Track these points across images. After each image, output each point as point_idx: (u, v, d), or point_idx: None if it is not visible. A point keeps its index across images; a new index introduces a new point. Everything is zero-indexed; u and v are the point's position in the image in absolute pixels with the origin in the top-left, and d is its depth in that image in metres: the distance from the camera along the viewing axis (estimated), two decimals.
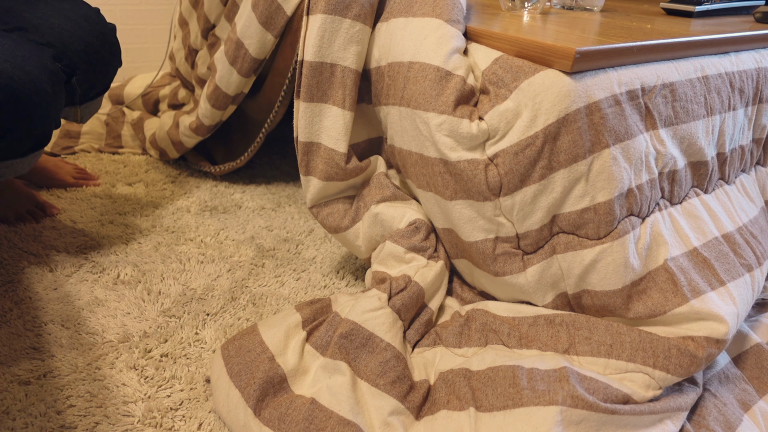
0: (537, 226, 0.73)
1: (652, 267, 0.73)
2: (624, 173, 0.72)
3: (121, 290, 0.92)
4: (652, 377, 0.68)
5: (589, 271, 0.73)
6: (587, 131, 0.69)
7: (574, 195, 0.72)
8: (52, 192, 1.22)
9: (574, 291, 0.75)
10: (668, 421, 0.67)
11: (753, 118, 0.91)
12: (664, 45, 0.76)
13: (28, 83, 0.79)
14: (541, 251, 0.75)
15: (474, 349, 0.77)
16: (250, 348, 0.74)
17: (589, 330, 0.73)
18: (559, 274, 0.75)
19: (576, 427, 0.63)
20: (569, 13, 1.02)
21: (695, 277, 0.73)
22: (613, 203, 0.71)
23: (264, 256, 1.05)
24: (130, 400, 0.71)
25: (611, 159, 0.70)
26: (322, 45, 0.83)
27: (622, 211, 0.73)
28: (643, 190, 0.74)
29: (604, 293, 0.73)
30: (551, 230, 0.74)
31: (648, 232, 0.74)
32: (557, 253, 0.74)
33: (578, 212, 0.72)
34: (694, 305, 0.70)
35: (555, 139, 0.69)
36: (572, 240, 0.73)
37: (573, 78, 0.67)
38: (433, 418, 0.68)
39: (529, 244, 0.75)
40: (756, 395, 0.75)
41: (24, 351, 0.78)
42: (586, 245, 0.72)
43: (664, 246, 0.73)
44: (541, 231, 0.74)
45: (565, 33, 0.77)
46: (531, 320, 0.76)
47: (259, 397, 0.68)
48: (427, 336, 0.80)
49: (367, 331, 0.74)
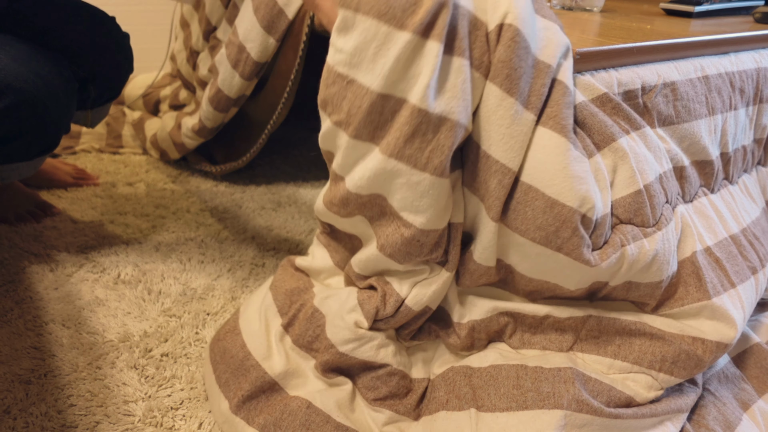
0: (606, 210, 0.65)
1: (680, 258, 0.70)
2: (651, 157, 0.69)
3: (121, 290, 0.92)
4: (655, 379, 0.68)
5: (652, 263, 0.66)
6: (606, 117, 0.67)
7: (622, 176, 0.66)
8: (52, 192, 1.22)
9: (619, 282, 0.68)
10: (668, 422, 0.67)
11: (754, 118, 0.91)
12: (664, 45, 0.76)
13: (42, 87, 0.80)
14: (608, 246, 0.65)
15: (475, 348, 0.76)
16: (233, 353, 0.72)
17: (598, 331, 0.71)
18: (617, 269, 0.66)
19: (578, 430, 0.63)
20: (569, 13, 1.02)
21: (712, 275, 0.72)
22: (655, 186, 0.67)
23: (264, 255, 1.05)
24: (131, 399, 0.71)
25: (636, 143, 0.68)
26: None
27: (661, 197, 0.69)
28: (669, 178, 0.72)
29: (646, 285, 0.68)
30: (611, 221, 0.67)
31: (679, 222, 0.71)
32: (625, 245, 0.65)
33: (632, 195, 0.66)
34: (715, 302, 0.68)
35: (583, 125, 0.65)
36: (633, 229, 0.66)
37: (574, 77, 0.67)
38: (431, 419, 0.67)
39: (599, 235, 0.65)
40: (755, 395, 0.75)
41: (25, 350, 0.78)
42: (648, 233, 0.66)
43: (691, 237, 0.71)
44: (606, 217, 0.65)
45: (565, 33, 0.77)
46: (534, 320, 0.75)
47: (250, 407, 0.67)
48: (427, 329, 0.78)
49: (356, 359, 0.70)
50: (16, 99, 0.77)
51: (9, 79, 0.77)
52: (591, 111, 0.66)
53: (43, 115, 0.82)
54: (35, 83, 0.79)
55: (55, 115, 0.84)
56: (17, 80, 0.78)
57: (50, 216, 1.12)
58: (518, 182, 0.63)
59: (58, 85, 0.83)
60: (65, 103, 0.86)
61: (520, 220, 0.64)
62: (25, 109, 0.79)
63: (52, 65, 0.84)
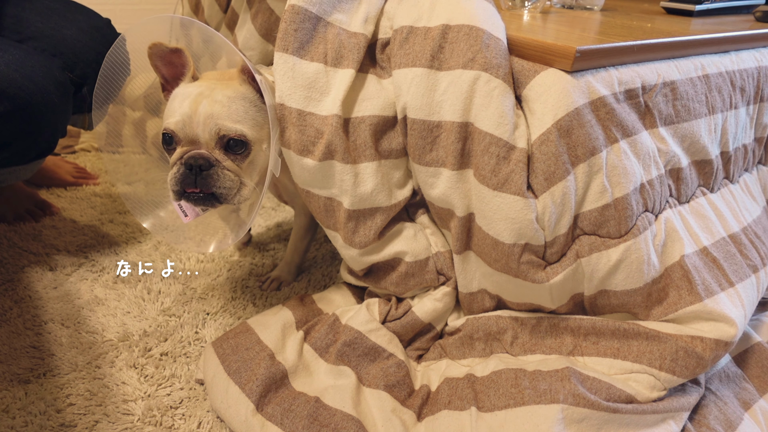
0: (565, 230, 0.70)
1: (668, 263, 0.71)
2: (635, 167, 0.70)
3: (121, 289, 0.92)
4: (657, 378, 0.68)
5: (614, 272, 0.70)
6: (597, 125, 0.68)
7: (593, 191, 0.69)
8: (52, 191, 1.22)
9: (593, 292, 0.73)
10: (671, 420, 0.66)
11: (754, 116, 0.91)
12: (665, 44, 0.76)
13: (36, 93, 0.80)
14: (565, 259, 0.71)
15: (478, 359, 0.76)
16: (248, 346, 0.75)
17: (596, 336, 0.72)
18: (581, 278, 0.72)
19: (578, 425, 0.63)
20: (569, 12, 1.02)
21: (707, 276, 0.72)
22: (629, 198, 0.69)
23: (264, 255, 1.05)
24: (130, 398, 0.71)
25: (622, 153, 0.69)
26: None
27: (638, 207, 0.71)
28: (654, 186, 0.73)
29: (624, 292, 0.71)
30: (573, 233, 0.71)
31: (662, 228, 0.72)
32: (581, 257, 0.70)
33: (599, 209, 0.69)
34: (707, 305, 0.69)
35: (569, 133, 0.67)
36: (595, 241, 0.70)
37: (574, 76, 0.67)
38: (434, 418, 0.68)
39: (555, 253, 0.71)
40: (756, 394, 0.75)
41: (24, 350, 0.78)
42: (610, 245, 0.69)
43: (679, 242, 0.72)
44: (567, 235, 0.70)
45: (566, 32, 0.77)
46: (534, 321, 0.76)
47: (262, 393, 0.68)
48: (432, 349, 0.80)
49: (370, 341, 0.75)
50: (11, 106, 0.77)
51: (2, 86, 0.76)
52: (580, 121, 0.67)
53: (39, 121, 0.81)
54: (29, 89, 0.79)
55: (50, 120, 0.83)
56: (11, 87, 0.77)
57: (49, 215, 1.11)
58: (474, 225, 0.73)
59: (52, 90, 0.83)
60: (60, 108, 0.85)
61: (484, 254, 0.73)
62: (20, 115, 0.78)
63: (46, 70, 0.83)
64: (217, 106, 0.69)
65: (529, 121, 0.69)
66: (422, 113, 0.71)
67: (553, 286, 0.71)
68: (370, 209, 0.75)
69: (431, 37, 0.70)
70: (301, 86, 0.71)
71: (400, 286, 0.79)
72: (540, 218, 0.68)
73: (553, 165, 0.67)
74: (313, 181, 0.74)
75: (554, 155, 0.67)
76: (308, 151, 0.72)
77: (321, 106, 0.72)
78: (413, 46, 0.71)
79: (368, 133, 0.73)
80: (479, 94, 0.68)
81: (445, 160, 0.72)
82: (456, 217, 0.74)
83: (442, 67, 0.69)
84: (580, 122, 0.67)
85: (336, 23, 0.73)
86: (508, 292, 0.76)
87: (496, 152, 0.67)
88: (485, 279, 0.77)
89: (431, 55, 0.70)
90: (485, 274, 0.76)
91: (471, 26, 0.69)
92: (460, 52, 0.69)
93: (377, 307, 0.80)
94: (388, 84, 0.75)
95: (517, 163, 0.67)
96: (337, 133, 0.71)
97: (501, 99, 0.67)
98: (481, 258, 0.74)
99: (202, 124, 0.69)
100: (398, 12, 0.75)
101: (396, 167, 0.76)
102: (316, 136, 0.71)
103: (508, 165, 0.67)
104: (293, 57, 0.71)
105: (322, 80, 0.72)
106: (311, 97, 0.72)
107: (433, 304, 0.79)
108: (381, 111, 0.73)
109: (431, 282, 0.79)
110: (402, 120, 0.73)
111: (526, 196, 0.67)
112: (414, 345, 0.80)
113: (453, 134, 0.70)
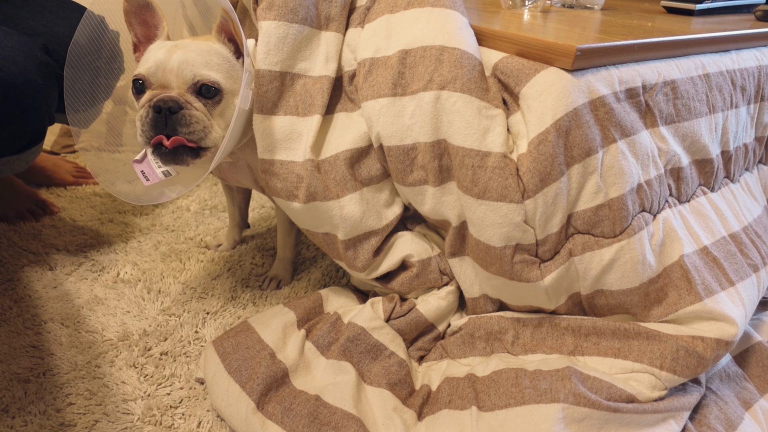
0: (556, 229, 0.71)
1: (667, 263, 0.71)
2: (633, 168, 0.70)
3: (120, 289, 0.92)
4: (658, 378, 0.68)
5: (608, 271, 0.71)
6: (595, 125, 0.68)
7: (588, 191, 0.69)
8: (52, 190, 1.22)
9: (589, 292, 0.73)
10: (672, 420, 0.66)
11: (755, 116, 0.91)
12: (665, 43, 0.76)
13: (17, 74, 0.78)
14: (558, 257, 0.72)
15: (479, 358, 0.77)
16: (249, 345, 0.75)
17: (597, 336, 0.72)
18: (575, 277, 0.72)
19: (578, 424, 0.63)
20: (570, 11, 1.02)
21: (707, 276, 0.72)
22: (625, 198, 0.69)
23: (264, 255, 1.05)
24: (130, 398, 0.71)
25: (619, 153, 0.69)
26: None
27: (635, 207, 0.71)
28: (652, 186, 0.73)
29: (620, 292, 0.71)
30: (567, 232, 0.72)
31: (660, 228, 0.72)
32: (574, 256, 0.71)
33: (593, 209, 0.70)
34: (708, 304, 0.69)
35: (567, 134, 0.67)
36: (589, 240, 0.70)
37: (574, 75, 0.67)
38: (434, 417, 0.68)
39: (548, 251, 0.72)
40: (757, 393, 0.75)
41: (23, 349, 0.78)
42: (603, 244, 0.70)
43: (678, 242, 0.72)
44: (559, 234, 0.71)
45: (566, 31, 0.77)
46: (536, 321, 0.76)
47: (263, 391, 0.68)
48: (434, 350, 0.80)
49: (373, 339, 0.76)
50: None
51: None
52: (578, 121, 0.67)
53: (22, 103, 0.79)
54: (10, 70, 0.77)
55: (34, 102, 0.81)
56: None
57: (49, 214, 1.11)
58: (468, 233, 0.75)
59: (34, 70, 0.81)
60: (44, 89, 0.83)
61: (479, 258, 0.75)
62: (1, 97, 0.77)
63: (27, 50, 0.81)
64: (193, 54, 0.70)
65: (527, 119, 0.69)
66: (395, 140, 0.73)
67: (549, 286, 0.72)
68: (364, 234, 0.78)
69: (390, 65, 0.73)
70: (280, 140, 0.76)
71: (405, 286, 0.81)
72: (530, 218, 0.69)
73: (549, 166, 0.68)
74: (306, 221, 0.79)
75: (551, 156, 0.67)
76: (294, 196, 0.76)
77: (297, 153, 0.76)
78: (376, 78, 0.74)
79: (345, 168, 0.76)
80: (443, 112, 0.70)
81: (427, 179, 0.74)
82: (452, 227, 0.76)
83: (406, 92, 0.72)
84: (578, 123, 0.67)
85: (301, 72, 0.77)
86: (507, 295, 0.77)
87: (471, 163, 0.69)
88: (485, 283, 0.78)
89: (393, 83, 0.73)
90: (484, 278, 0.77)
91: (425, 47, 0.71)
92: (419, 75, 0.71)
93: (381, 305, 0.81)
94: (358, 117, 0.78)
95: (493, 169, 0.68)
96: (313, 175, 0.75)
97: (464, 110, 0.69)
98: (477, 263, 0.76)
99: (176, 70, 0.69)
100: (359, 43, 0.77)
101: (379, 190, 0.79)
102: (298, 182, 0.76)
103: (485, 173, 0.69)
104: (270, 116, 0.75)
105: (296, 131, 0.76)
106: (289, 147, 0.76)
107: (438, 302, 0.80)
108: (353, 144, 0.77)
109: (435, 282, 0.81)
110: (378, 148, 0.76)
111: (510, 201, 0.68)
112: (416, 345, 0.80)
113: (429, 154, 0.72)
